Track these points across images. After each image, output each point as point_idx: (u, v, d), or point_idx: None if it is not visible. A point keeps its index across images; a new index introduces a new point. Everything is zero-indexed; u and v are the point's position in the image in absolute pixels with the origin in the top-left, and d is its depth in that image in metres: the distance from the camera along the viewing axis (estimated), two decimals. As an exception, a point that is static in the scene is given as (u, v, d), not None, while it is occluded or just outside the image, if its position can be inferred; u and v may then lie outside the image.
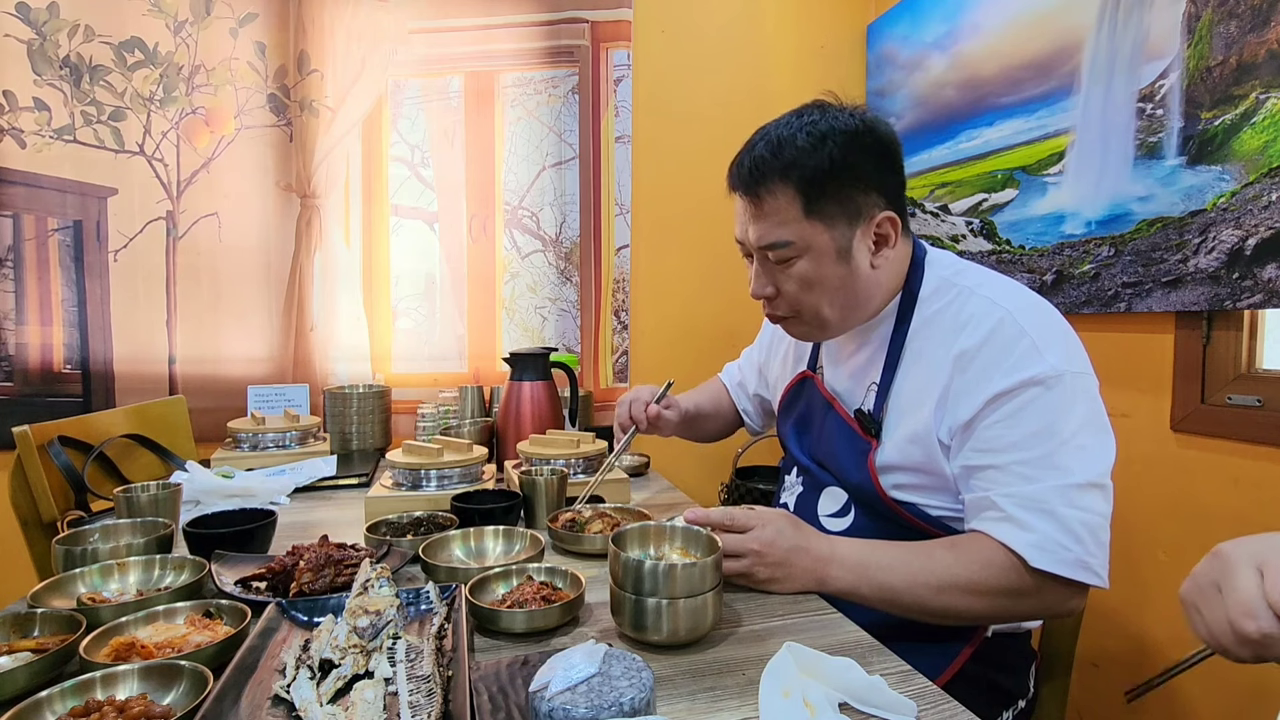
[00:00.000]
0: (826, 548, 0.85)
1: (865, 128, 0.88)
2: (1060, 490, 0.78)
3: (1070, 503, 0.77)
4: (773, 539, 0.83)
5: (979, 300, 0.87)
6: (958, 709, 0.61)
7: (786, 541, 0.83)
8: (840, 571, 0.84)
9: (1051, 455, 0.79)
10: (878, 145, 0.89)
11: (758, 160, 0.89)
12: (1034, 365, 0.80)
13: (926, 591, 0.81)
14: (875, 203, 0.90)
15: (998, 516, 0.80)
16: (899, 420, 0.91)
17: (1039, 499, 0.78)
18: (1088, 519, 0.77)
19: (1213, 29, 1.20)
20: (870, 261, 0.91)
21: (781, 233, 0.89)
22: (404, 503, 1.13)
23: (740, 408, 1.37)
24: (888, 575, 0.83)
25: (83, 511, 1.18)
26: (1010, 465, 0.80)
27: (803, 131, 0.87)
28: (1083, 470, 0.78)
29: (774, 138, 0.89)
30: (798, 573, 0.83)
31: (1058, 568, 0.77)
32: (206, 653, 0.63)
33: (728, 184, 0.95)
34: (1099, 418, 0.82)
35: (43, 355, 1.73)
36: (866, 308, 0.95)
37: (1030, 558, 0.77)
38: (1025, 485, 0.79)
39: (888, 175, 0.90)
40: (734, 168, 0.93)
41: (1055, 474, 0.78)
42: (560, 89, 1.98)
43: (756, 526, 0.84)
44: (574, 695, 0.52)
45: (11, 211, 1.70)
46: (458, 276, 1.97)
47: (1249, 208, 1.14)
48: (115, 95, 1.74)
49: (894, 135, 0.92)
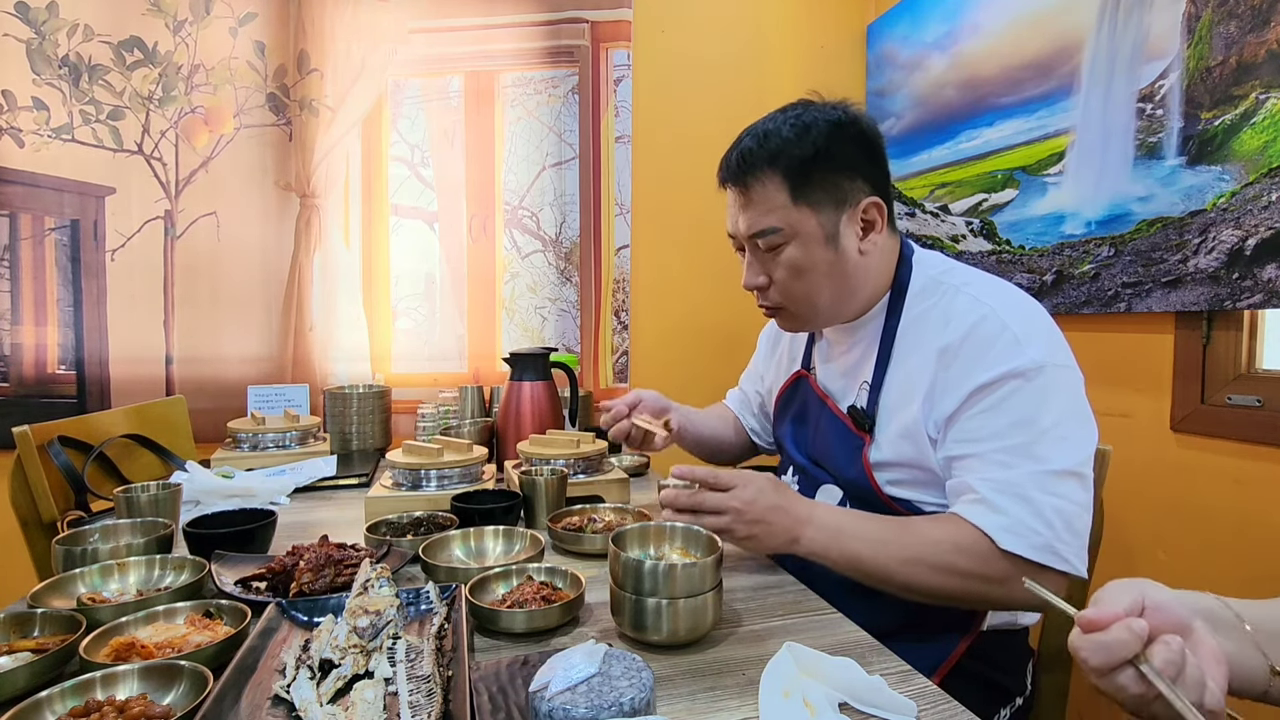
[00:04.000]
0: (805, 510, 0.87)
1: (849, 119, 0.92)
2: (1036, 476, 0.79)
3: (1045, 489, 0.78)
4: (753, 498, 0.85)
5: (964, 298, 0.89)
6: (957, 709, 0.61)
7: (766, 500, 0.85)
8: (814, 533, 0.85)
9: (1030, 444, 0.80)
10: (861, 135, 0.92)
11: (745, 152, 0.92)
12: (1015, 358, 0.81)
13: (893, 563, 0.83)
14: (860, 189, 0.92)
15: (973, 499, 0.82)
16: (891, 416, 0.92)
17: (1014, 484, 0.79)
18: (1062, 506, 0.78)
19: (1213, 29, 1.20)
20: (858, 247, 0.93)
21: (770, 219, 0.91)
22: (404, 503, 1.13)
23: (747, 426, 1.35)
24: (858, 543, 0.84)
25: (83, 511, 1.18)
26: (988, 453, 0.82)
27: (788, 124, 0.91)
28: (1061, 459, 0.79)
29: (760, 131, 0.93)
30: (775, 530, 0.85)
31: (1025, 550, 0.78)
32: (206, 653, 0.63)
33: (718, 179, 0.98)
34: (1080, 409, 0.83)
35: (38, 355, 1.73)
36: (857, 296, 0.96)
37: (999, 539, 0.78)
38: (1002, 471, 0.80)
39: (872, 164, 0.93)
40: (723, 162, 0.97)
41: (1032, 462, 0.79)
42: (560, 89, 1.98)
43: (739, 485, 0.85)
44: (574, 695, 0.52)
45: (8, 211, 1.70)
46: (458, 276, 1.97)
47: (1249, 208, 1.15)
48: (114, 94, 1.74)
49: (877, 128, 0.95)
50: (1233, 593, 0.55)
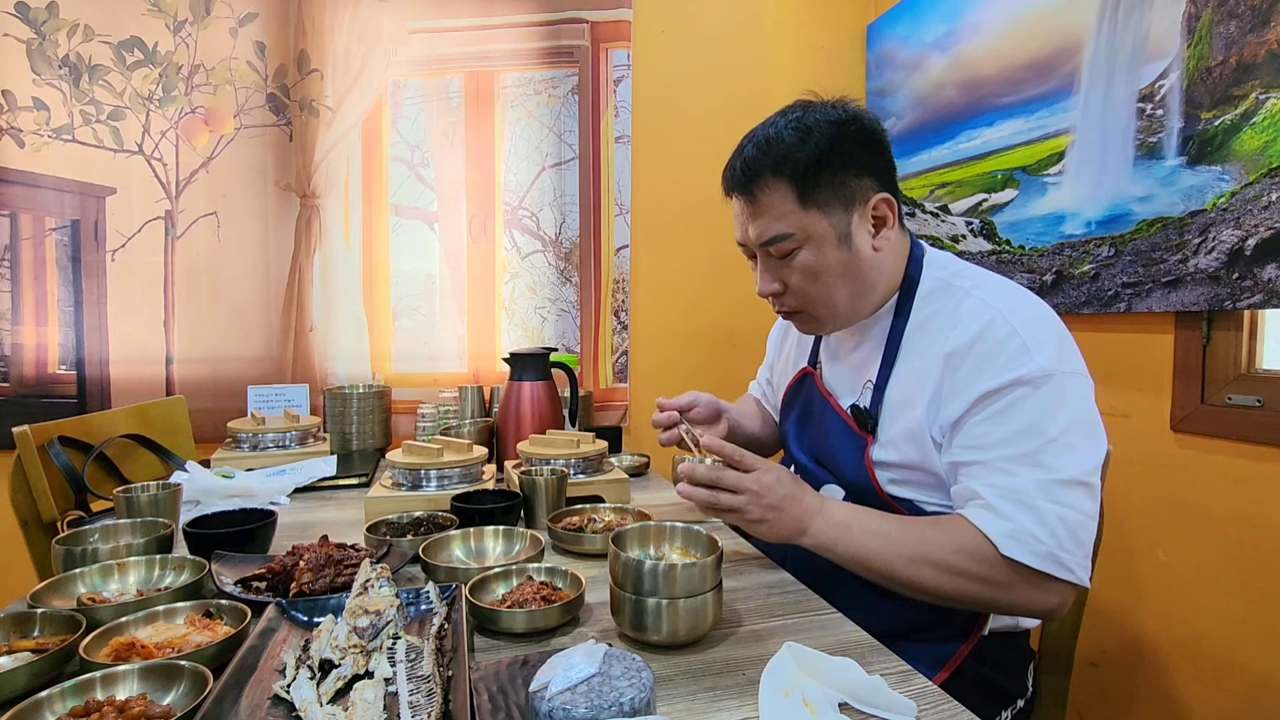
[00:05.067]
0: (817, 503, 0.88)
1: (849, 117, 0.91)
2: (1042, 485, 0.78)
3: (1051, 498, 0.78)
4: (771, 484, 0.85)
5: (973, 301, 0.88)
6: (957, 709, 0.61)
7: (783, 489, 0.86)
8: (824, 525, 0.86)
9: (1036, 452, 0.79)
10: (863, 132, 0.91)
11: (748, 160, 0.91)
12: (1023, 365, 0.81)
13: (898, 561, 0.83)
14: (869, 185, 0.91)
15: (979, 504, 0.82)
16: (894, 418, 0.92)
17: (1019, 491, 0.79)
18: (1067, 515, 0.78)
19: (1213, 29, 1.20)
20: (871, 244, 0.92)
21: (780, 226, 0.90)
22: (404, 503, 1.13)
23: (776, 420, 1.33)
24: (865, 539, 0.85)
25: (83, 511, 1.18)
26: (994, 461, 0.81)
27: (789, 128, 0.90)
28: (1068, 468, 0.79)
29: (761, 137, 0.91)
30: (786, 519, 0.86)
31: (1028, 558, 0.77)
32: (206, 653, 0.63)
33: (723, 189, 0.97)
34: (1089, 417, 0.82)
35: (38, 356, 1.73)
36: (874, 292, 0.95)
37: (1001, 545, 0.78)
38: (1007, 478, 0.80)
39: (877, 159, 0.92)
40: (726, 172, 0.96)
41: (1038, 470, 0.79)
42: (560, 89, 1.98)
43: (760, 470, 0.87)
44: (574, 695, 0.52)
45: (9, 211, 1.70)
46: (458, 276, 1.97)
47: (1249, 208, 1.15)
48: (114, 95, 1.74)
49: (879, 123, 0.93)
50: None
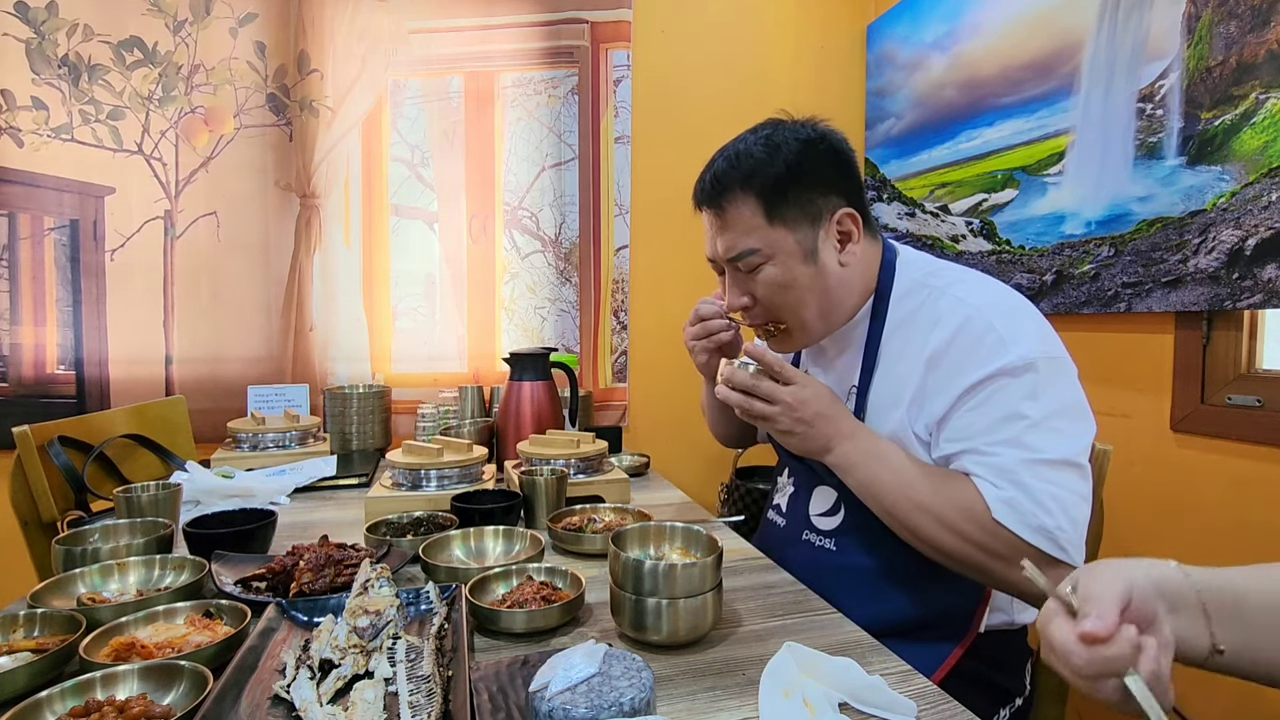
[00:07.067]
0: (850, 426, 0.90)
1: (818, 136, 0.92)
2: (1029, 464, 0.79)
3: (1039, 476, 0.79)
4: (807, 399, 0.88)
5: (948, 300, 0.89)
6: (957, 709, 0.61)
7: (819, 405, 0.89)
8: (850, 448, 0.88)
9: (1020, 435, 0.80)
10: (831, 151, 0.92)
11: (718, 174, 0.93)
12: (1002, 357, 0.82)
13: (905, 503, 0.84)
14: (835, 203, 0.92)
15: (978, 476, 0.83)
16: (878, 421, 0.93)
17: (1008, 470, 0.80)
18: (1058, 493, 0.79)
19: (1213, 29, 1.20)
20: (838, 259, 0.93)
21: (747, 241, 0.92)
22: (404, 503, 1.13)
23: None
24: (884, 472, 0.86)
25: (83, 511, 1.18)
26: (981, 446, 0.83)
27: (758, 144, 0.91)
28: (1054, 449, 0.80)
29: (731, 152, 0.93)
30: (815, 434, 0.88)
31: (1019, 528, 0.78)
32: (206, 653, 0.63)
33: (693, 202, 0.99)
34: (1073, 402, 0.83)
35: (37, 355, 1.73)
36: (843, 307, 0.96)
37: (994, 509, 0.79)
38: (995, 459, 0.81)
39: (844, 178, 0.93)
40: (697, 185, 0.97)
41: (1024, 450, 0.80)
42: (560, 89, 1.98)
43: (798, 384, 0.89)
44: (574, 695, 0.52)
45: (8, 210, 1.70)
46: (457, 277, 1.97)
47: (1249, 208, 1.15)
48: (114, 94, 1.74)
49: (847, 142, 0.95)
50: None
